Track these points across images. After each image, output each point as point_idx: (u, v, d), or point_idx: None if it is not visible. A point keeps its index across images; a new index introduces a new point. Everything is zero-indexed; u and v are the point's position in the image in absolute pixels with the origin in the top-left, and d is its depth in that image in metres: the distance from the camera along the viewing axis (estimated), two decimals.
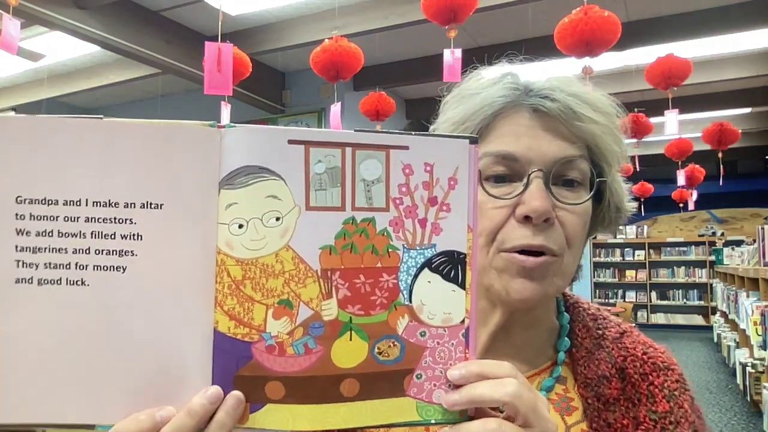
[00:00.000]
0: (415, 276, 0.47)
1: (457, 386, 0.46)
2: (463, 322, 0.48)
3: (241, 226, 0.44)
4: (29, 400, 0.42)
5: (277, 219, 0.44)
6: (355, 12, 4.95)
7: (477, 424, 0.45)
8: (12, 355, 0.42)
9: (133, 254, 0.43)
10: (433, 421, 0.47)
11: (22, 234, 0.42)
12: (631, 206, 0.69)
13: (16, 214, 0.42)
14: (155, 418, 0.42)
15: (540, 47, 3.47)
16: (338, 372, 0.45)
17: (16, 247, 0.42)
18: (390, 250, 0.46)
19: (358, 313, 0.46)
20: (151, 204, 0.43)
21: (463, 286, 0.48)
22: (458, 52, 3.34)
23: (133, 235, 0.43)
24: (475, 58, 0.80)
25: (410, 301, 0.47)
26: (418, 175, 0.47)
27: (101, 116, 0.43)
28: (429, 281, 0.47)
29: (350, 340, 0.45)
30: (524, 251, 0.59)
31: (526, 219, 0.58)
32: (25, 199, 0.42)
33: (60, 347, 0.42)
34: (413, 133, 0.47)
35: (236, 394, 0.43)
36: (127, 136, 0.43)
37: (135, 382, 0.43)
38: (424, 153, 0.47)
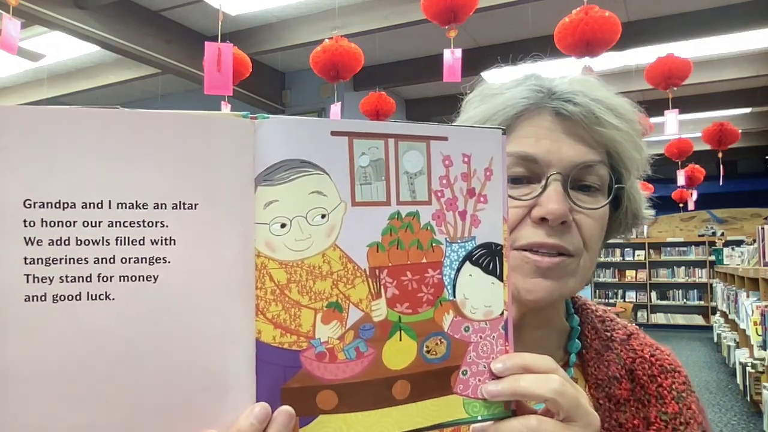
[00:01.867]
0: (458, 270, 0.46)
1: (499, 379, 0.46)
2: (502, 314, 0.48)
3: (283, 226, 0.40)
4: None
5: (323, 216, 0.41)
6: (355, 12, 4.95)
7: (517, 422, 0.45)
8: (24, 386, 0.35)
9: (165, 261, 0.38)
10: (479, 418, 0.46)
11: (32, 243, 0.36)
12: (649, 213, 0.69)
13: (24, 221, 0.36)
14: None
15: (540, 47, 3.46)
16: (390, 374, 0.43)
17: (25, 259, 0.36)
18: (434, 244, 0.45)
19: (406, 311, 0.44)
20: (184, 204, 0.38)
21: (501, 278, 0.48)
22: (458, 52, 3.34)
23: (165, 239, 0.38)
24: (476, 58, 0.80)
25: (454, 296, 0.46)
26: (457, 167, 0.46)
27: (117, 106, 0.38)
28: (470, 275, 0.47)
29: (400, 340, 0.44)
30: (539, 251, 0.59)
31: (542, 221, 0.58)
32: (34, 203, 0.36)
33: (81, 373, 0.36)
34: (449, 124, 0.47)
35: (286, 409, 0.40)
36: (153, 128, 0.38)
37: (170, 405, 0.38)
38: (461, 144, 0.46)
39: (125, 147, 0.38)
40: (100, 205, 0.37)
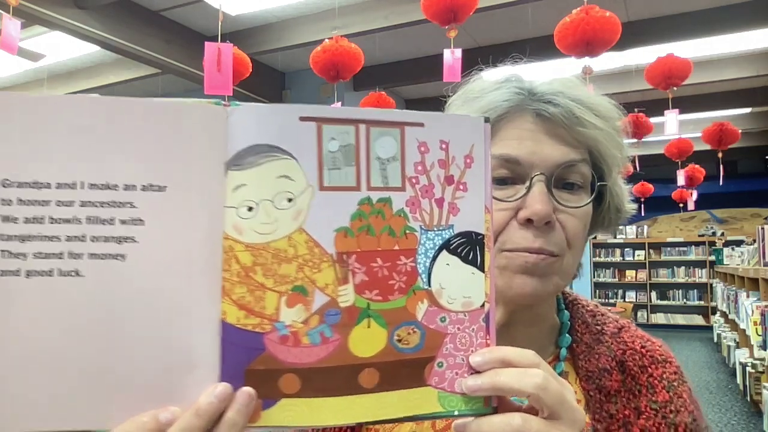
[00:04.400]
0: (434, 258, 0.45)
1: (479, 374, 0.44)
2: (483, 306, 0.46)
3: (250, 209, 0.41)
4: (17, 406, 0.38)
5: (290, 200, 0.42)
6: (355, 12, 4.95)
7: (500, 420, 0.43)
8: None
9: (133, 241, 0.39)
10: (456, 413, 0.44)
11: (9, 221, 0.38)
12: (631, 207, 0.70)
13: (2, 200, 0.38)
14: (159, 419, 0.39)
15: (540, 47, 3.47)
16: (357, 362, 0.43)
17: (2, 235, 0.38)
18: (407, 231, 0.44)
19: (375, 298, 0.43)
20: (153, 186, 0.40)
21: (482, 268, 0.46)
22: (458, 52, 3.35)
23: (134, 219, 0.39)
24: (476, 58, 0.80)
25: (429, 285, 0.45)
26: (433, 153, 0.45)
27: (97, 94, 0.40)
28: (448, 264, 0.45)
29: (368, 327, 0.43)
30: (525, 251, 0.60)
31: (528, 222, 0.59)
32: (12, 183, 0.38)
33: (52, 346, 0.38)
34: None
35: (247, 390, 0.40)
36: (126, 114, 0.40)
37: (136, 381, 0.39)
38: (439, 130, 0.45)
39: (99, 131, 0.39)
40: (73, 186, 0.39)
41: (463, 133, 0.46)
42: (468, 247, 0.46)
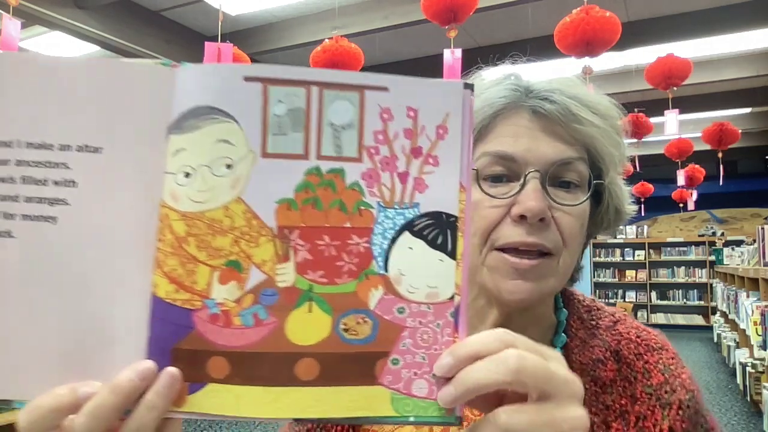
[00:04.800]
0: (393, 240, 0.39)
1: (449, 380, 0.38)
2: (452, 298, 0.40)
3: (188, 175, 0.38)
4: None
5: (228, 167, 0.38)
6: (355, 12, 4.96)
7: (485, 424, 0.37)
8: None
9: (65, 203, 0.38)
10: (411, 419, 0.39)
11: None
12: (632, 209, 0.69)
13: None
14: (77, 393, 0.36)
15: (540, 47, 3.47)
16: (293, 350, 0.38)
17: None
18: (362, 207, 0.39)
19: (320, 280, 0.39)
20: (88, 147, 0.38)
21: (453, 255, 0.40)
22: (458, 52, 3.35)
23: (67, 181, 0.38)
24: (476, 58, 0.80)
25: (386, 270, 0.39)
26: (398, 121, 0.39)
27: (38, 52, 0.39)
28: (410, 247, 0.40)
29: (309, 312, 0.38)
30: (518, 251, 0.59)
31: (521, 218, 0.58)
32: None
33: None
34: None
35: (170, 370, 0.36)
36: (68, 73, 0.38)
37: (60, 352, 0.37)
38: (407, 96, 0.40)
39: (39, 89, 0.38)
40: (9, 144, 0.38)
41: (436, 100, 0.40)
42: (436, 230, 0.40)
